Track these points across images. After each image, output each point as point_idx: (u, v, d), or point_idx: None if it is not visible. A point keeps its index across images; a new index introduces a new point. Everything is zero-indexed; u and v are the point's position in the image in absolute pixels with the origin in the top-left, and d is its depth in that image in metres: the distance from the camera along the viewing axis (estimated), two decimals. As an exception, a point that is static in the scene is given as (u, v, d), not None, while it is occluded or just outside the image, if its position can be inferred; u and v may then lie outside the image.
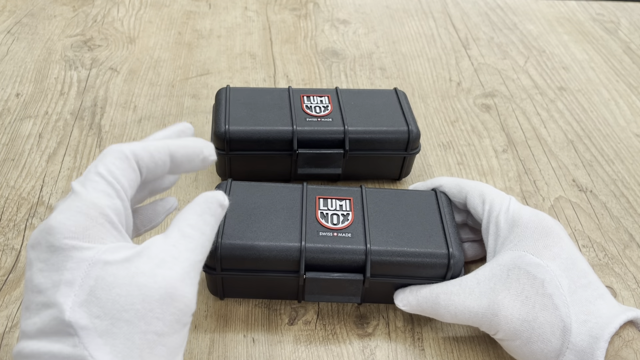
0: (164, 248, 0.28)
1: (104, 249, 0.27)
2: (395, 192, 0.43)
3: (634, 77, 0.72)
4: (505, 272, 0.36)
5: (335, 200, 0.41)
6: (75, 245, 0.26)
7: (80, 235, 0.27)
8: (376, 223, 0.40)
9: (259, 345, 0.39)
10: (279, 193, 0.42)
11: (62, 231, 0.26)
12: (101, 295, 0.26)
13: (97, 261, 0.26)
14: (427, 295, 0.38)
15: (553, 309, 0.34)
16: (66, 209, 0.27)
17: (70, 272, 0.26)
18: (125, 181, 0.29)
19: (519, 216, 0.39)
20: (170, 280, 0.27)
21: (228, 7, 0.81)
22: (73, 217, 0.27)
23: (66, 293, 0.25)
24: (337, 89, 0.52)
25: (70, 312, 0.25)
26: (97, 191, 0.28)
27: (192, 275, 0.28)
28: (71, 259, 0.26)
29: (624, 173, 0.57)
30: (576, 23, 0.84)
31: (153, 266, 0.27)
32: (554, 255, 0.36)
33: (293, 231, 0.39)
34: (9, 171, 0.51)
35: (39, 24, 0.74)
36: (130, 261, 0.27)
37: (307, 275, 0.38)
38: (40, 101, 0.60)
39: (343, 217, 0.40)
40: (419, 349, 0.40)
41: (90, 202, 0.28)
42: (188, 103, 0.62)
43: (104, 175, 0.29)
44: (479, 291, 0.36)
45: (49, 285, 0.26)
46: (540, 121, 0.63)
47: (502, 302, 0.35)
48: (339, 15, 0.82)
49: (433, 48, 0.75)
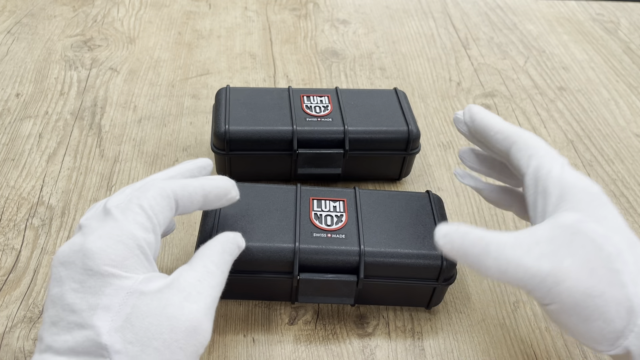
0: (191, 282, 0.30)
1: (140, 279, 0.29)
2: (389, 193, 0.43)
3: (633, 77, 0.72)
4: (568, 235, 0.31)
5: (329, 202, 0.41)
6: (114, 273, 0.28)
7: (119, 265, 0.29)
8: (370, 224, 0.40)
9: (259, 345, 0.39)
10: (272, 194, 0.42)
11: (102, 257, 0.28)
12: (135, 322, 0.28)
13: (135, 291, 0.28)
14: (475, 240, 0.31)
15: (620, 286, 0.30)
16: (106, 236, 0.29)
17: (108, 298, 0.28)
18: (162, 217, 0.32)
19: (575, 179, 0.34)
20: (197, 314, 0.29)
21: (228, 7, 0.81)
22: (114, 245, 0.29)
23: (103, 317, 0.27)
24: (337, 89, 0.53)
25: (107, 335, 0.27)
26: (137, 223, 0.30)
27: (212, 311, 0.31)
28: (110, 285, 0.28)
29: (624, 173, 0.57)
30: (576, 23, 0.84)
31: (182, 299, 0.29)
32: (617, 227, 0.32)
33: (287, 232, 0.39)
34: (9, 171, 0.51)
35: (39, 24, 0.74)
36: (162, 292, 0.29)
37: (301, 277, 0.38)
38: (40, 101, 0.60)
39: (337, 218, 0.40)
40: (419, 349, 0.40)
41: (130, 233, 0.30)
42: (188, 103, 0.62)
43: (145, 208, 0.31)
44: (539, 251, 0.31)
45: (84, 307, 0.28)
46: (540, 121, 0.63)
47: (568, 270, 0.30)
48: (338, 15, 0.82)
49: (433, 48, 0.75)
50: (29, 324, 0.39)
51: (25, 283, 0.42)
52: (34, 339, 0.38)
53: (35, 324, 0.39)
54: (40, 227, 0.46)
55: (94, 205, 0.33)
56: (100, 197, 0.49)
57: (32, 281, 0.42)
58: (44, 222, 0.46)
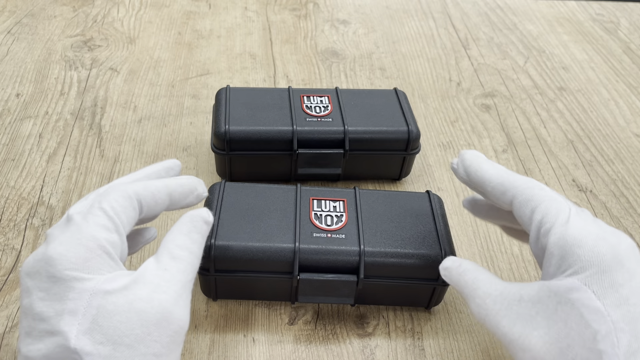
0: (157, 273, 0.30)
1: (102, 279, 0.29)
2: (389, 193, 0.43)
3: (633, 77, 0.72)
4: (554, 303, 0.29)
5: (329, 202, 0.41)
6: (76, 277, 0.28)
7: (80, 267, 0.28)
8: (370, 224, 0.40)
9: (259, 345, 0.39)
10: (272, 194, 0.42)
11: (62, 262, 0.28)
12: (103, 323, 0.27)
13: (98, 291, 0.28)
14: (468, 282, 0.32)
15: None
16: (66, 241, 0.29)
17: (73, 302, 0.28)
18: (125, 218, 0.31)
19: (581, 236, 0.30)
20: (166, 303, 0.29)
21: (228, 7, 0.81)
22: (73, 249, 0.29)
23: (70, 322, 0.27)
24: (337, 89, 0.53)
25: (76, 339, 0.27)
26: (98, 225, 0.30)
27: (184, 297, 0.30)
28: (73, 289, 0.28)
29: (624, 173, 0.57)
30: (576, 23, 0.84)
31: (149, 291, 0.29)
32: (621, 299, 0.28)
33: (287, 232, 0.39)
34: (9, 171, 0.51)
35: (39, 24, 0.74)
36: (128, 289, 0.29)
37: (301, 277, 0.38)
38: (41, 101, 0.60)
39: (337, 218, 0.40)
40: (419, 349, 0.40)
41: (90, 235, 0.29)
42: (188, 103, 0.62)
43: (106, 210, 0.31)
44: (517, 311, 0.30)
45: (51, 313, 0.27)
46: (540, 121, 0.63)
47: (537, 341, 0.28)
48: (338, 15, 0.82)
49: (433, 48, 0.75)
50: (29, 324, 0.39)
51: (26, 283, 0.42)
52: (34, 339, 0.38)
53: (36, 324, 0.39)
54: (40, 227, 0.46)
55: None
56: (101, 197, 0.49)
57: (32, 281, 0.42)
58: (44, 222, 0.46)
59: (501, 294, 0.31)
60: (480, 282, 0.32)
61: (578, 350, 0.27)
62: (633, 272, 0.29)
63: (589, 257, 0.29)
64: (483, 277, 0.32)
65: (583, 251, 0.29)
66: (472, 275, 0.33)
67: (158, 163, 0.37)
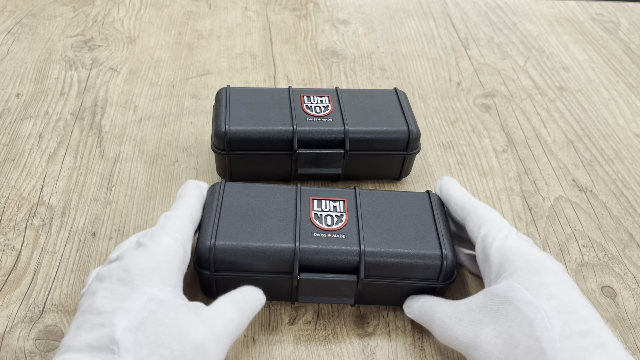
0: (209, 314, 0.33)
1: (165, 290, 0.32)
2: (389, 193, 0.43)
3: (633, 77, 0.72)
4: (496, 304, 0.34)
5: (329, 202, 0.41)
6: (142, 282, 0.31)
7: (148, 275, 0.32)
8: (370, 224, 0.40)
9: (259, 345, 0.39)
10: (272, 194, 0.42)
11: (134, 269, 0.32)
12: (149, 326, 0.29)
13: (155, 298, 0.31)
14: (428, 310, 0.38)
15: (539, 352, 0.30)
16: (138, 254, 0.33)
17: (131, 302, 0.30)
18: (186, 235, 0.36)
19: (516, 247, 0.36)
20: (209, 335, 0.31)
21: (228, 7, 0.81)
22: (145, 259, 0.33)
23: (122, 317, 0.29)
24: (337, 89, 0.53)
25: (122, 332, 0.29)
26: (166, 244, 0.34)
27: (226, 340, 0.32)
28: (136, 292, 0.31)
29: (624, 173, 0.57)
30: (576, 23, 0.84)
31: (198, 320, 0.31)
32: (550, 294, 0.33)
33: (287, 232, 0.39)
34: (10, 171, 0.51)
35: (39, 24, 0.74)
36: (180, 308, 0.31)
37: (301, 277, 0.38)
38: (41, 101, 0.60)
39: (337, 218, 0.40)
40: (419, 349, 0.40)
41: (161, 251, 0.34)
42: (188, 103, 0.62)
43: (169, 233, 0.35)
44: (468, 319, 0.35)
45: (109, 309, 0.30)
46: (540, 121, 0.63)
47: (485, 337, 0.33)
48: (339, 15, 0.82)
49: (433, 48, 0.75)
50: (29, 324, 0.39)
51: (26, 283, 0.42)
52: (34, 339, 0.38)
53: (36, 323, 0.39)
54: (40, 227, 0.46)
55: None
56: (101, 197, 0.49)
57: (32, 281, 0.42)
58: (45, 222, 0.47)
59: (454, 310, 0.36)
60: (437, 306, 0.37)
61: (519, 339, 0.31)
62: (560, 277, 0.34)
63: (520, 262, 0.35)
64: (439, 302, 0.38)
65: (516, 257, 0.35)
66: (430, 302, 0.38)
67: (191, 191, 0.41)
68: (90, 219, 0.47)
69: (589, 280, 0.46)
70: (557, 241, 0.49)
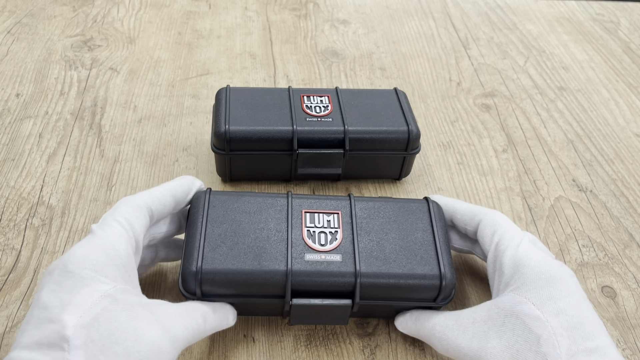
0: (168, 314, 0.32)
1: (118, 287, 0.30)
2: (386, 201, 0.41)
3: (633, 77, 0.72)
4: (501, 317, 0.33)
5: (323, 215, 0.39)
6: (93, 277, 0.30)
7: (99, 270, 0.30)
8: (366, 242, 0.38)
9: (259, 345, 0.39)
10: (261, 207, 0.39)
11: (82, 262, 0.30)
12: (102, 323, 0.28)
13: (109, 295, 0.30)
14: (424, 324, 0.37)
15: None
16: (86, 244, 0.31)
17: (82, 297, 0.29)
18: (138, 227, 0.34)
19: (527, 257, 0.35)
20: (165, 335, 0.30)
21: (228, 7, 0.81)
22: (95, 252, 0.31)
23: (73, 312, 0.28)
24: (337, 88, 0.53)
25: (72, 329, 0.28)
26: (116, 235, 0.32)
27: (178, 344, 0.31)
28: (87, 286, 0.29)
29: (624, 173, 0.57)
30: (576, 23, 0.84)
31: (154, 319, 0.30)
32: (558, 309, 0.32)
33: (278, 254, 0.36)
34: (9, 171, 0.51)
35: (39, 24, 0.74)
36: (134, 306, 0.30)
37: (294, 302, 0.36)
38: (41, 101, 0.60)
39: (331, 236, 0.38)
40: (419, 349, 0.40)
41: (110, 244, 0.32)
42: (188, 103, 0.62)
43: (120, 222, 0.33)
44: (472, 332, 0.34)
45: (56, 303, 0.28)
46: (540, 121, 0.63)
47: (491, 351, 0.32)
48: (339, 15, 0.82)
49: (433, 48, 0.75)
50: (29, 324, 0.39)
51: (26, 283, 0.42)
52: (34, 339, 0.38)
53: (36, 324, 0.39)
54: (40, 227, 0.46)
55: None
56: (100, 197, 0.49)
57: (32, 281, 0.42)
58: (44, 222, 0.46)
59: (456, 322, 0.35)
60: (435, 319, 0.36)
61: (526, 354, 0.31)
62: (570, 290, 0.33)
63: (529, 275, 0.34)
64: (436, 314, 0.37)
65: (526, 270, 0.34)
66: (426, 315, 0.37)
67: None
68: (90, 219, 0.47)
69: (589, 280, 0.46)
70: (557, 241, 0.49)
